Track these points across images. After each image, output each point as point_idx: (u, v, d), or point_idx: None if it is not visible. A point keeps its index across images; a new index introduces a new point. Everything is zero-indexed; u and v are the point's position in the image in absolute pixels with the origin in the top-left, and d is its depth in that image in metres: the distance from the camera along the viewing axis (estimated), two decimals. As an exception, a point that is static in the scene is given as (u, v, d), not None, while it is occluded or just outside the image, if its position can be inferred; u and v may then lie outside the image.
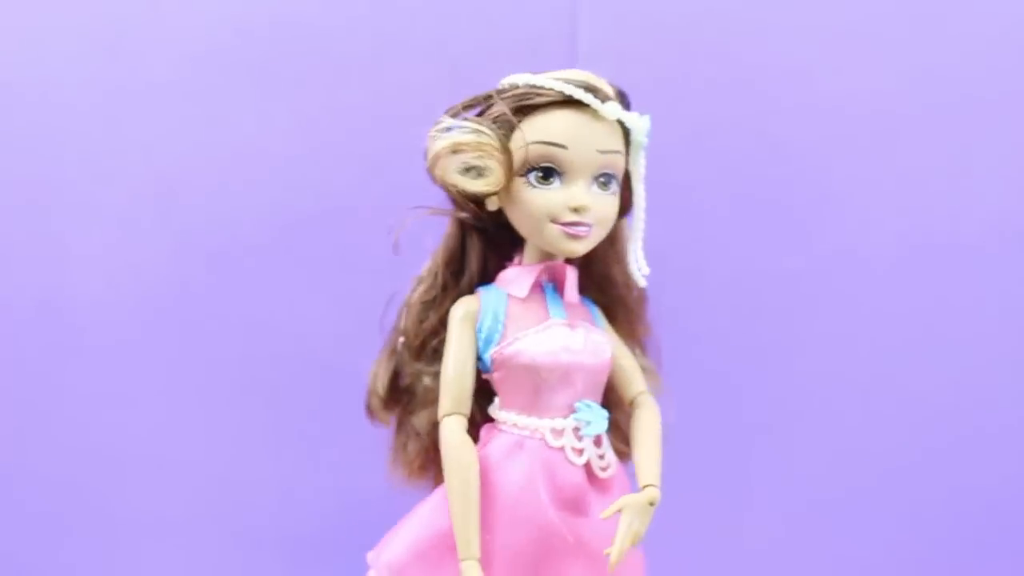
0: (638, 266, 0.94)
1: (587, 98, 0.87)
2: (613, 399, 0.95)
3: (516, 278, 0.91)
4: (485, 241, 0.94)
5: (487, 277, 0.94)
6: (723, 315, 1.33)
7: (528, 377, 0.89)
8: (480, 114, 0.90)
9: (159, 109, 1.32)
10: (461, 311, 0.91)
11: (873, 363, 1.34)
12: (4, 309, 1.33)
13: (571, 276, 0.92)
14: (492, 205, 0.91)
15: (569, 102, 0.87)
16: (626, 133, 0.91)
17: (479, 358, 0.91)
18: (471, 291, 0.94)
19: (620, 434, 0.97)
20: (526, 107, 0.88)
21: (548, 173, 0.88)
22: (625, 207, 0.95)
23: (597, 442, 0.91)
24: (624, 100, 0.92)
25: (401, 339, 0.97)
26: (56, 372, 1.34)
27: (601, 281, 0.96)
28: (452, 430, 0.88)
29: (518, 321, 0.90)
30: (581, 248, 0.89)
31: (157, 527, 1.35)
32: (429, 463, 0.98)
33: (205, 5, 1.32)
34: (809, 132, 1.32)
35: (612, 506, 0.86)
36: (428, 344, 0.94)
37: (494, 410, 0.92)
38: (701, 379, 1.31)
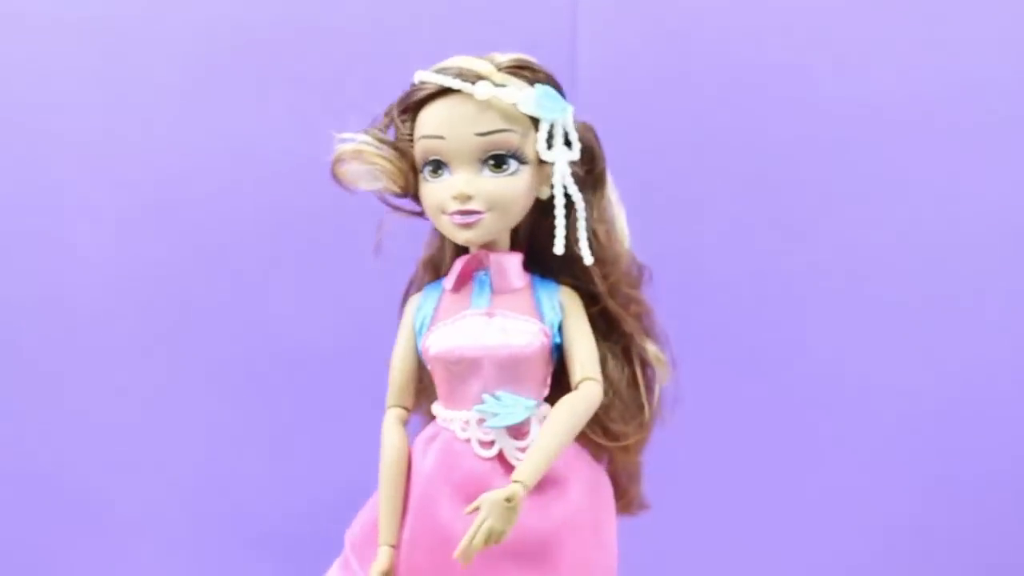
0: (574, 246, 0.90)
1: (455, 83, 0.86)
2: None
3: (452, 272, 0.92)
4: None
5: None
6: (723, 315, 1.33)
7: (440, 369, 0.90)
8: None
9: (159, 109, 1.33)
10: (407, 309, 0.94)
11: (873, 363, 1.34)
12: (4, 309, 1.34)
13: (498, 263, 0.90)
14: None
15: (445, 91, 0.87)
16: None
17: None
18: None
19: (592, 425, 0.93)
20: (413, 104, 0.89)
21: (436, 166, 0.88)
22: (593, 184, 0.92)
23: (518, 434, 0.88)
24: (526, 72, 0.89)
25: None
26: (56, 372, 1.34)
27: (572, 264, 0.92)
28: (386, 422, 0.92)
29: (444, 314, 0.91)
30: (474, 236, 0.88)
31: (157, 527, 1.36)
32: None
33: (205, 5, 1.32)
34: (809, 132, 1.32)
35: (475, 501, 0.83)
36: None
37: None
38: (699, 379, 1.31)
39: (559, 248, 0.89)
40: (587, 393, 0.89)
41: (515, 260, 0.91)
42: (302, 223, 1.32)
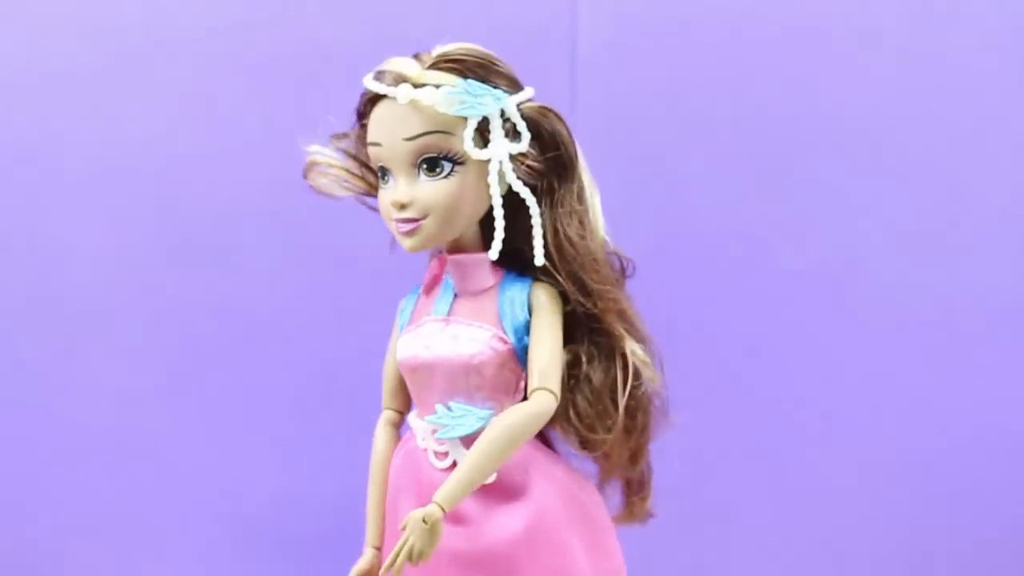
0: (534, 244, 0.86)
1: (380, 88, 0.84)
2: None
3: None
4: None
5: None
6: (722, 315, 1.33)
7: (406, 376, 0.89)
8: None
9: (158, 108, 1.33)
10: (397, 311, 0.92)
11: (873, 364, 1.33)
12: (3, 309, 1.34)
13: (456, 265, 0.87)
14: None
15: (381, 96, 0.85)
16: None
17: None
18: None
19: (563, 431, 0.90)
20: (365, 109, 0.87)
21: (383, 172, 0.86)
22: (560, 171, 0.87)
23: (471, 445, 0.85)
24: (457, 66, 0.84)
25: None
26: (55, 372, 1.34)
27: (548, 261, 0.87)
28: (377, 425, 0.93)
29: (414, 318, 0.90)
30: (417, 243, 0.85)
31: (158, 527, 1.36)
32: None
33: (205, 5, 1.33)
34: (810, 132, 1.32)
35: (405, 518, 0.81)
36: None
37: None
38: (698, 379, 1.31)
39: (494, 253, 0.85)
40: (535, 403, 0.84)
41: (478, 260, 0.87)
42: (304, 220, 1.32)
